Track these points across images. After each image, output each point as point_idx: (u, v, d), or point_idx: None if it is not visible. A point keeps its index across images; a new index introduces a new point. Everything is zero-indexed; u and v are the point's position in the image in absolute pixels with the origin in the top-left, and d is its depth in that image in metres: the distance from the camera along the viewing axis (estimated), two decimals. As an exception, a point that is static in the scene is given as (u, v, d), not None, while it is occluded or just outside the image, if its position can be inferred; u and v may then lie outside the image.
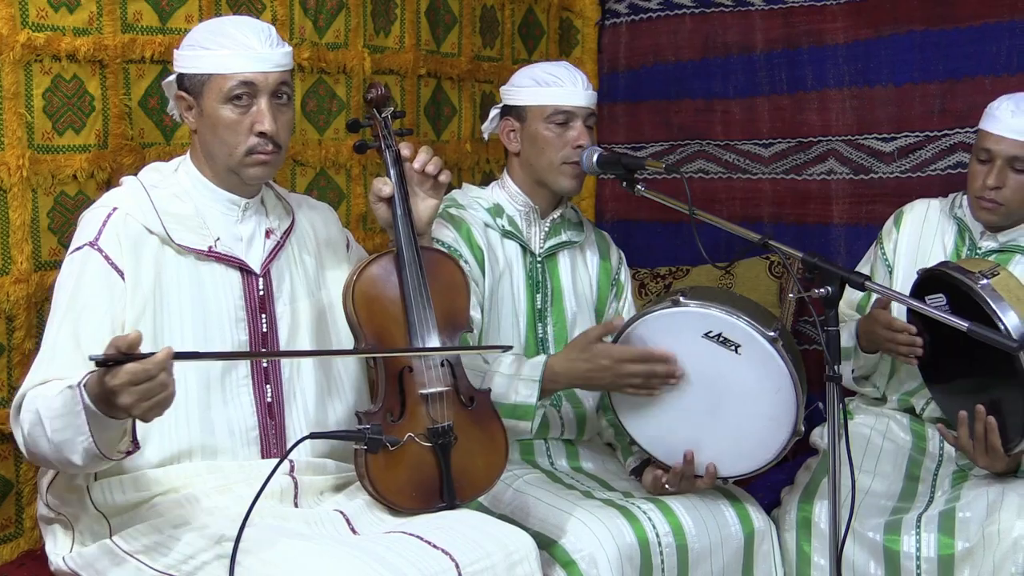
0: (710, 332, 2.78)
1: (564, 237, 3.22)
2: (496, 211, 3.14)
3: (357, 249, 2.92)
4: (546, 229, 3.19)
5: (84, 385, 2.14)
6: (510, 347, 2.86)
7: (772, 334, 2.74)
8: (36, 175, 2.75)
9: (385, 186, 2.69)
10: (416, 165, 2.72)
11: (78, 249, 2.49)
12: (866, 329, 3.20)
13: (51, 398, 2.25)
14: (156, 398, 2.08)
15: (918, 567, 2.93)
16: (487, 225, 3.12)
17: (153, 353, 2.04)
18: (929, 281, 3.00)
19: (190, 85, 2.56)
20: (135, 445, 2.29)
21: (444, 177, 2.75)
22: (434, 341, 2.61)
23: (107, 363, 2.04)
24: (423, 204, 2.75)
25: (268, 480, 2.26)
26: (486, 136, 3.26)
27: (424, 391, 2.59)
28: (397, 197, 2.69)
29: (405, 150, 2.72)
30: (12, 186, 2.70)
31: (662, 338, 2.81)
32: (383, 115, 2.77)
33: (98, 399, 2.11)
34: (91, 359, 2.06)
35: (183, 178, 2.63)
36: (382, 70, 3.71)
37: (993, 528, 2.85)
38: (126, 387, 2.05)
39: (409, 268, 2.63)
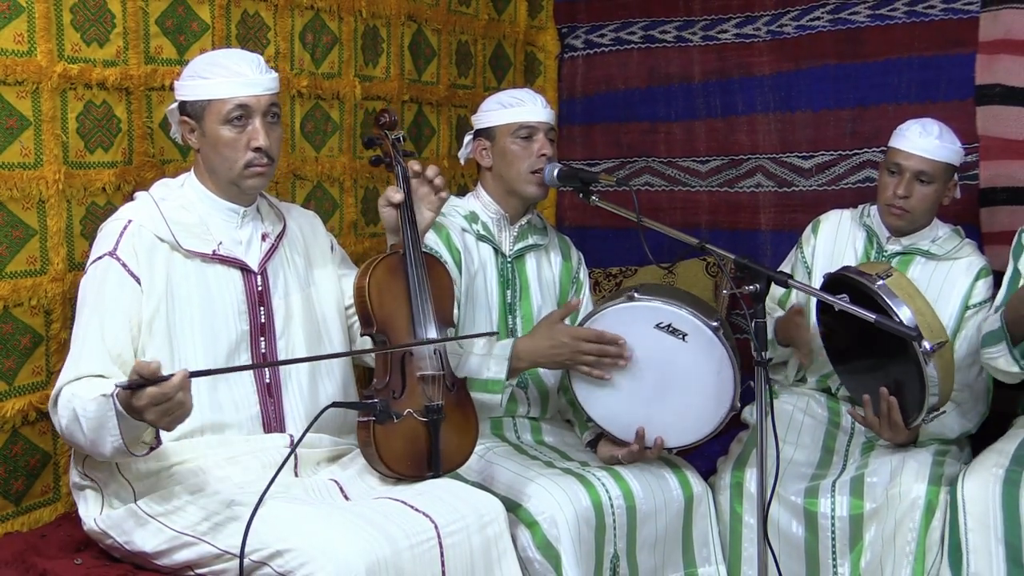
0: (661, 323, 2.79)
1: (531, 240, 3.22)
2: (472, 218, 3.14)
3: (340, 251, 2.93)
4: (515, 233, 3.19)
5: (116, 395, 2.16)
6: (496, 333, 2.87)
7: (714, 324, 2.76)
8: (70, 188, 2.73)
9: (396, 193, 2.70)
10: (429, 174, 2.74)
11: (99, 258, 2.50)
12: (784, 328, 3.19)
13: (87, 401, 2.27)
14: (175, 414, 2.13)
15: (832, 525, 2.96)
16: (464, 230, 3.12)
17: (172, 375, 2.07)
18: (833, 283, 3.01)
19: (192, 111, 2.57)
20: (158, 441, 2.31)
21: (445, 193, 2.78)
22: (432, 331, 2.64)
23: (131, 387, 2.07)
24: (425, 215, 2.77)
25: (284, 463, 2.29)
26: (463, 161, 3.25)
27: (422, 373, 2.60)
28: (405, 205, 2.69)
29: (416, 166, 2.74)
30: (49, 197, 2.69)
31: (619, 329, 2.81)
32: (393, 136, 2.78)
33: (127, 409, 2.14)
34: (117, 386, 2.11)
35: (188, 191, 2.63)
36: (370, 96, 3.69)
37: (895, 491, 2.89)
38: (149, 407, 2.09)
39: (414, 269, 2.65)
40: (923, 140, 3.18)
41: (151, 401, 2.07)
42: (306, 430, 2.33)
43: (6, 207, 2.62)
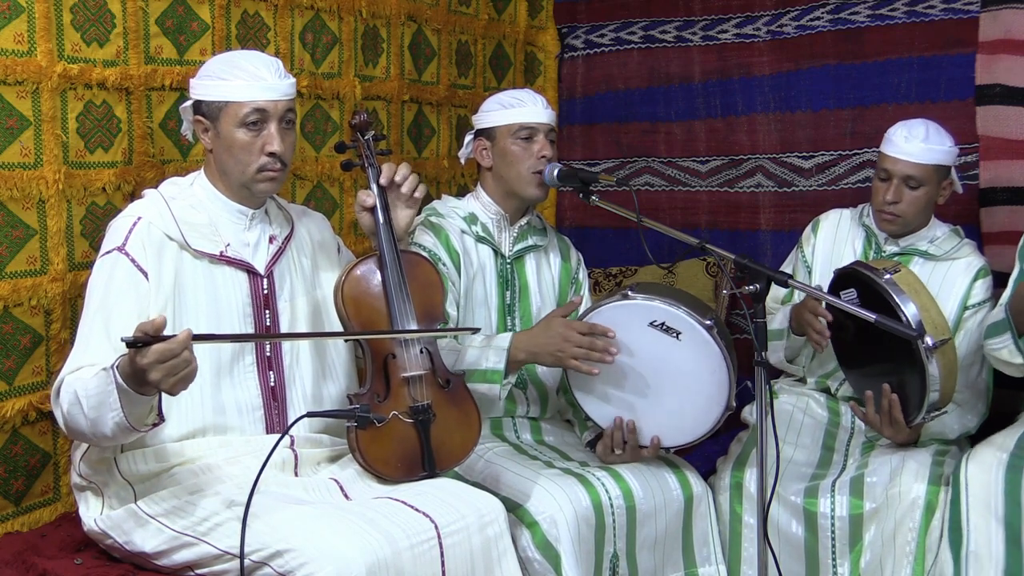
0: (655, 321, 2.78)
1: (530, 241, 3.21)
2: (471, 219, 3.14)
3: (346, 252, 2.91)
4: (515, 234, 3.19)
5: (116, 367, 2.14)
6: (478, 329, 2.86)
7: (708, 323, 2.75)
8: (70, 188, 2.74)
9: (368, 197, 2.69)
10: (398, 178, 2.72)
11: (108, 253, 2.48)
12: (796, 314, 3.19)
13: (87, 380, 2.25)
14: (181, 373, 2.10)
15: (832, 525, 2.96)
16: (463, 231, 3.11)
17: (175, 335, 2.05)
18: (843, 278, 3.03)
19: (207, 111, 2.55)
20: (160, 418, 2.28)
21: (419, 193, 2.75)
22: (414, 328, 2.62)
23: (136, 344, 2.05)
24: (401, 214, 2.75)
25: (271, 454, 2.25)
26: (463, 161, 3.24)
27: (406, 374, 2.59)
28: (379, 207, 2.68)
29: (387, 170, 2.72)
30: (50, 197, 2.69)
31: (613, 327, 2.80)
32: (366, 137, 2.76)
33: (129, 378, 2.12)
34: (122, 340, 2.07)
35: (198, 191, 2.62)
36: (370, 96, 3.70)
37: (895, 490, 2.89)
38: (154, 365, 2.06)
39: (391, 268, 2.64)
40: (908, 144, 3.18)
41: (157, 358, 2.05)
42: (281, 436, 2.30)
43: (6, 207, 2.62)
